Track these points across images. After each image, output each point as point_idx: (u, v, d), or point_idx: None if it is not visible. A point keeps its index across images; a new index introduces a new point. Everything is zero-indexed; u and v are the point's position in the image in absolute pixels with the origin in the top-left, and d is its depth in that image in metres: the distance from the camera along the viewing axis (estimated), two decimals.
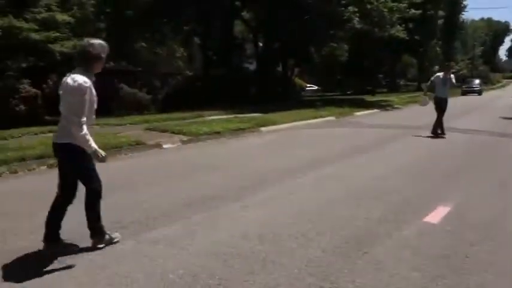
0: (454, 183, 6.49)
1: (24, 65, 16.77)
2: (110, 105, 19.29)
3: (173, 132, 11.38)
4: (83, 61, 3.82)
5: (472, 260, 3.71)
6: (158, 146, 9.90)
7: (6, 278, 3.41)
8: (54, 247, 3.89)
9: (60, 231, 3.98)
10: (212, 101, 20.91)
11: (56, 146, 3.85)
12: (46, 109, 16.94)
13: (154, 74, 24.82)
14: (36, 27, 15.06)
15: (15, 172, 7.32)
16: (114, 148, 9.08)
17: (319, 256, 3.76)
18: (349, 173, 7.14)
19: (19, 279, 3.37)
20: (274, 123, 14.17)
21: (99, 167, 3.99)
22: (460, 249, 3.94)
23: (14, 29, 14.34)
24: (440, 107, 11.85)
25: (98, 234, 4.00)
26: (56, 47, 15.77)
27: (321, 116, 17.35)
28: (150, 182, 6.61)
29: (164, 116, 16.29)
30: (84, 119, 3.68)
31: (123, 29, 23.68)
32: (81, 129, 3.63)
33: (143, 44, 27.28)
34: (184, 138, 10.83)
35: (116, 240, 4.10)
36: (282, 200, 5.56)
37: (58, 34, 16.05)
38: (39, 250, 3.89)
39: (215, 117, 15.58)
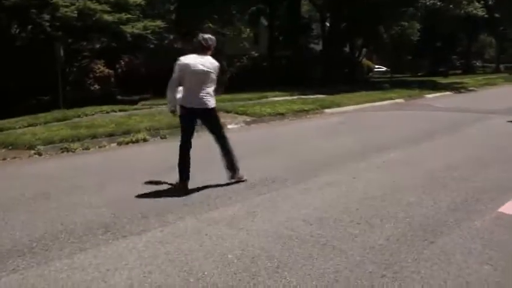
0: None
1: (97, 46, 17.53)
2: None
3: (237, 113, 11.46)
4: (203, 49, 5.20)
5: None
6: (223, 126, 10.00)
7: (73, 251, 3.58)
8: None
9: None
10: (277, 82, 20.85)
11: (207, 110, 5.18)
12: (118, 89, 17.70)
13: (221, 55, 25.10)
14: (109, 9, 15.63)
15: (88, 148, 7.70)
16: (177, 127, 9.27)
17: (382, 244, 3.61)
18: (417, 158, 6.83)
19: (82, 249, 3.54)
20: (338, 105, 13.88)
21: (166, 147, 4.07)
22: None
23: (89, 11, 14.96)
24: None
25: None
26: (128, 29, 16.31)
27: (390, 98, 16.77)
28: (210, 162, 6.67)
29: (229, 96, 16.40)
30: None
31: (191, 10, 24.00)
32: None
33: (210, 24, 27.58)
34: (248, 119, 10.88)
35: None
36: (344, 184, 5.41)
37: (129, 16, 16.56)
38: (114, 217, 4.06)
39: (279, 99, 15.50)
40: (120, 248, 3.60)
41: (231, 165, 5.38)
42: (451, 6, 25.13)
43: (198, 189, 5.19)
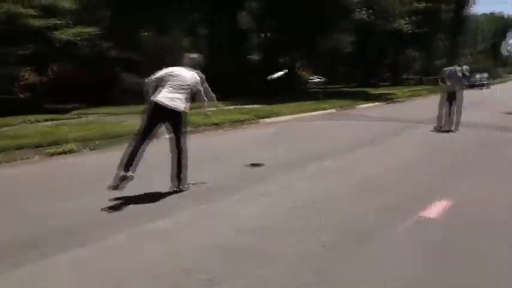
0: (455, 179, 6.37)
1: (24, 52, 16.65)
2: (110, 94, 19.19)
3: None
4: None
5: (471, 255, 3.62)
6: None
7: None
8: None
9: None
10: (215, 92, 20.76)
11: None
12: (46, 97, 16.86)
13: (159, 64, 24.69)
14: (36, 14, 14.93)
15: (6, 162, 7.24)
16: (116, 137, 9.00)
17: (318, 251, 3.66)
18: (349, 167, 7.03)
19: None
20: (276, 115, 14.05)
21: (91, 160, 3.90)
22: (459, 243, 3.85)
23: (14, 15, 14.21)
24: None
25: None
26: (57, 34, 15.66)
27: (323, 109, 17.22)
28: (143, 176, 6.50)
29: None
30: None
31: (127, 18, 23.46)
32: None
33: (145, 33, 27.07)
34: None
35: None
36: (281, 193, 5.46)
37: (59, 21, 15.92)
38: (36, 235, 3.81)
39: (215, 108, 15.42)
40: (41, 268, 3.37)
41: (179, 174, 5.50)
42: (379, 21, 26.42)
43: (132, 200, 5.01)
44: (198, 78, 5.78)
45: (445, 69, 12.43)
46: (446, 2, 47.70)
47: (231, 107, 15.91)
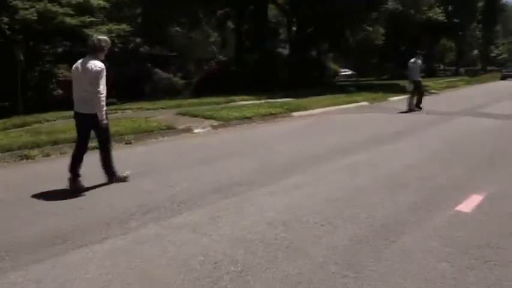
0: (488, 171, 6.19)
1: (60, 49, 17.12)
2: (144, 89, 19.56)
3: (204, 117, 11.40)
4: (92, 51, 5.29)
5: (504, 251, 3.52)
6: (189, 130, 9.93)
7: (28, 262, 3.47)
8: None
9: None
10: (245, 86, 20.88)
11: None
12: None
13: (189, 59, 24.96)
14: (72, 12, 15.30)
15: (48, 155, 7.49)
16: (145, 132, 9.17)
17: (346, 244, 3.65)
18: (380, 160, 6.94)
19: (39, 260, 3.43)
20: (305, 109, 13.98)
21: (129, 152, 3.99)
22: (493, 239, 3.75)
23: (50, 14, 14.61)
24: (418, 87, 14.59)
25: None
26: (91, 32, 16.01)
27: (355, 101, 17.02)
28: (178, 166, 6.63)
29: (196, 100, 16.37)
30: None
31: (159, 13, 23.79)
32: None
33: (178, 28, 27.37)
34: (215, 123, 10.83)
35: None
36: (309, 186, 5.45)
37: (93, 19, 16.27)
38: (74, 226, 3.95)
39: (247, 102, 15.52)
40: (79, 257, 3.50)
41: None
42: (412, 11, 25.80)
43: (162, 194, 5.12)
44: (98, 68, 5.19)
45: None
46: None
47: (262, 101, 15.95)
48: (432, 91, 24.02)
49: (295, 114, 13.12)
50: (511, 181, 5.65)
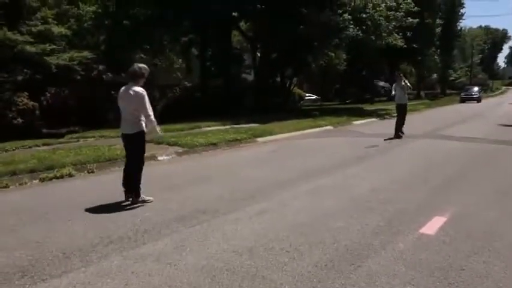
0: (450, 193, 6.36)
1: (20, 77, 16.75)
2: (107, 116, 19.24)
3: (168, 144, 11.29)
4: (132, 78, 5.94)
5: (468, 273, 3.60)
6: (153, 158, 9.78)
7: None
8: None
9: None
10: (210, 112, 20.88)
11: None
12: (44, 122, 16.90)
13: (153, 86, 24.81)
14: (32, 40, 15.06)
15: (6, 186, 7.22)
16: (108, 161, 8.99)
17: (311, 271, 3.65)
18: (344, 184, 7.03)
19: None
20: (271, 134, 14.07)
21: (92, 181, 3.90)
22: (457, 261, 3.83)
23: (9, 42, 14.34)
24: (400, 111, 13.57)
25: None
26: (53, 60, 15.78)
27: (319, 126, 17.28)
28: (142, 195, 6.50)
29: (161, 127, 16.20)
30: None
31: (122, 40, 23.69)
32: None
33: (142, 55, 27.27)
34: (180, 149, 10.74)
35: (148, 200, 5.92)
36: (275, 212, 5.44)
37: (54, 46, 16.05)
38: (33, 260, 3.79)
39: (212, 128, 15.50)
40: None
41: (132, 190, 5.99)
42: (372, 37, 26.66)
43: (126, 223, 5.00)
44: (138, 92, 5.87)
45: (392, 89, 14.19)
46: (437, 16, 48.41)
47: (227, 126, 15.97)
48: (394, 114, 24.70)
49: (260, 139, 13.18)
50: (473, 202, 5.81)
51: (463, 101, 43.31)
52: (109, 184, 7.21)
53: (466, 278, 3.50)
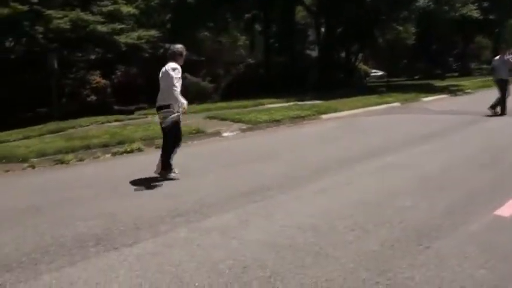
0: None
1: (93, 56, 17.53)
2: None
3: (233, 121, 11.42)
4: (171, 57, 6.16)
5: None
6: (217, 134, 9.97)
7: (62, 265, 3.52)
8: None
9: None
10: (274, 89, 20.82)
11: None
12: (115, 99, 17.65)
13: (218, 63, 25.10)
14: (102, 20, 15.65)
15: (82, 160, 7.64)
16: None
17: (376, 250, 3.56)
18: (412, 162, 6.77)
19: (72, 263, 3.48)
20: (335, 111, 13.83)
21: (155, 158, 4.02)
22: None
23: (82, 22, 14.99)
24: (501, 87, 12.39)
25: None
26: (122, 39, 16.33)
27: (386, 102, 16.71)
28: (207, 170, 6.65)
29: (225, 104, 16.40)
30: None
31: (187, 19, 24.04)
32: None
33: (206, 33, 27.59)
34: (244, 126, 10.84)
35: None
36: (339, 190, 5.36)
37: (123, 26, 16.58)
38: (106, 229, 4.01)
39: (276, 105, 15.47)
40: (110, 260, 3.55)
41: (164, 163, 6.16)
42: (445, 8, 25.12)
43: (192, 197, 5.14)
44: (171, 67, 6.07)
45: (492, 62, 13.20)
46: None
47: (291, 103, 15.87)
48: (467, 91, 23.41)
49: (324, 116, 13.00)
50: None
51: None
52: (175, 159, 7.41)
53: None
